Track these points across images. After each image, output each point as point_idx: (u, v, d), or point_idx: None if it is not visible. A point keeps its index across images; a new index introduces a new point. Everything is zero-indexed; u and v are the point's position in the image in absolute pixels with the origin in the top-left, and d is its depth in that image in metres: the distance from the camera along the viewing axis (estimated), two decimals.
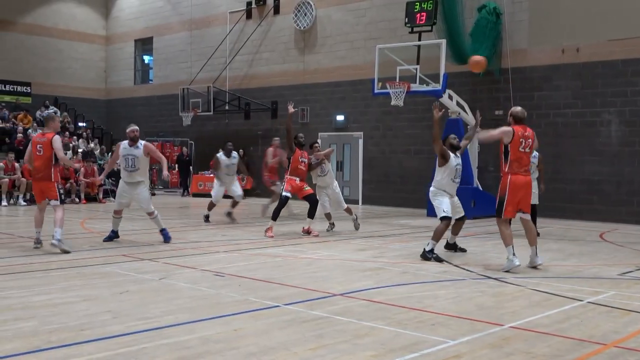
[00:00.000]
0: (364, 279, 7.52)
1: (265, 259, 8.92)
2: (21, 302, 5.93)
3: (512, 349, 4.73)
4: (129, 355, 4.38)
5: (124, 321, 5.28)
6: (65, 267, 7.93)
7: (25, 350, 4.44)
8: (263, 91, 23.76)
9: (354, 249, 10.15)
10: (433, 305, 6.09)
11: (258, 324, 5.30)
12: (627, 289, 7.22)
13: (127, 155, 10.27)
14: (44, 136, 9.25)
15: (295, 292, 6.60)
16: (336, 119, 21.75)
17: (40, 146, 9.16)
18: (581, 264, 9.09)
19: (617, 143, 16.27)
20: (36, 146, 9.21)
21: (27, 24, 27.66)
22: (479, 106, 18.08)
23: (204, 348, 4.58)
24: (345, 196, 21.79)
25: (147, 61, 29.59)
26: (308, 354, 4.50)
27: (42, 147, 9.14)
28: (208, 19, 25.90)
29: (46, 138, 9.16)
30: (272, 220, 11.48)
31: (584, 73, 16.77)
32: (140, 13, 28.79)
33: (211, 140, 25.23)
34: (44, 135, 9.26)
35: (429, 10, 16.16)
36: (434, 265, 8.62)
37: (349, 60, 21.44)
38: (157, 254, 9.19)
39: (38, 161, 9.18)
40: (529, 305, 6.25)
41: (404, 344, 4.79)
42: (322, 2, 22.17)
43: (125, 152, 10.30)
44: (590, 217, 16.38)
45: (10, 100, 25.67)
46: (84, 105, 28.92)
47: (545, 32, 17.43)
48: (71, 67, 29.17)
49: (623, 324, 5.58)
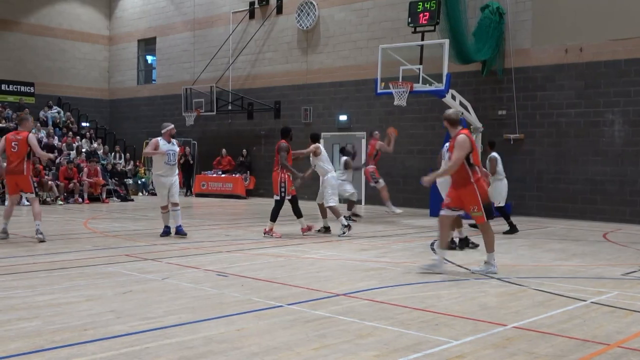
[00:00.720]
0: (366, 279, 7.52)
1: (268, 259, 8.92)
2: (25, 301, 5.94)
3: (515, 349, 4.73)
4: (132, 355, 4.39)
5: (127, 321, 5.28)
6: (69, 267, 7.94)
7: (28, 349, 4.45)
8: (266, 91, 23.76)
9: (356, 249, 10.15)
10: (436, 305, 6.09)
11: (261, 323, 5.30)
12: (630, 289, 7.21)
13: (169, 150, 11.19)
14: (18, 134, 10.36)
15: (298, 292, 6.60)
16: (339, 119, 21.74)
17: (15, 143, 10.27)
18: (584, 264, 9.07)
19: (621, 143, 16.24)
20: (11, 143, 10.30)
21: (31, 24, 27.70)
22: (481, 106, 18.21)
23: (207, 348, 4.58)
24: (347, 196, 21.82)
25: (150, 61, 29.62)
26: (311, 354, 4.50)
27: (18, 144, 10.25)
28: (211, 19, 25.92)
29: (21, 136, 10.29)
30: (272, 221, 11.43)
31: (587, 73, 16.74)
32: (144, 13, 28.82)
33: (214, 140, 25.27)
34: (19, 134, 10.36)
35: (432, 10, 16.14)
36: None
37: (352, 60, 21.43)
38: (160, 254, 9.20)
39: (13, 157, 10.27)
40: (532, 305, 6.24)
41: (406, 344, 4.79)
42: (325, 2, 22.16)
43: (166, 148, 11.16)
44: (594, 217, 16.36)
45: (14, 100, 25.71)
46: (87, 105, 28.97)
47: (549, 32, 17.40)
48: (74, 67, 29.22)
49: (626, 324, 5.58)
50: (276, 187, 11.38)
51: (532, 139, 17.60)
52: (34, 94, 26.81)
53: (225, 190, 23.05)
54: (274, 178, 11.48)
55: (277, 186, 11.39)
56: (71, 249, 9.54)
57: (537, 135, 17.54)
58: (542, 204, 17.40)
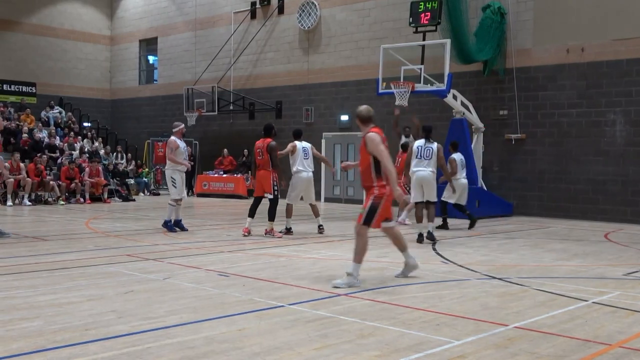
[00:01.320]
0: (368, 278, 7.52)
1: (269, 259, 8.92)
2: (26, 301, 5.95)
3: (516, 349, 4.72)
4: (134, 355, 4.39)
5: (129, 321, 5.29)
6: (70, 267, 7.95)
7: (30, 349, 4.45)
8: (267, 91, 23.77)
9: None
10: (437, 305, 6.09)
11: (262, 323, 5.30)
12: (632, 289, 7.20)
13: (185, 148, 12.05)
14: None
15: (299, 292, 6.60)
16: (340, 119, 21.74)
17: None
18: (586, 264, 9.07)
19: (622, 143, 16.22)
20: None
21: (33, 25, 27.73)
22: (483, 106, 18.20)
23: (209, 348, 4.59)
24: (349, 196, 21.85)
25: (152, 61, 29.64)
26: (312, 354, 4.50)
27: None
28: (212, 19, 25.94)
29: None
30: (271, 221, 11.40)
31: (589, 73, 16.73)
32: (145, 13, 28.84)
33: (216, 140, 25.28)
34: None
35: (434, 10, 16.13)
36: (439, 265, 8.62)
37: (354, 60, 21.43)
38: (161, 253, 9.21)
39: None
40: (533, 305, 6.24)
41: (408, 344, 4.79)
42: (327, 2, 22.17)
43: (182, 146, 11.96)
44: (595, 217, 16.35)
45: (16, 100, 25.73)
46: (88, 105, 28.99)
47: (550, 32, 17.39)
48: (76, 67, 29.25)
49: (628, 324, 5.57)
50: (269, 187, 11.33)
51: (534, 139, 17.59)
52: (35, 94, 26.84)
53: (227, 191, 23.05)
54: (264, 177, 11.35)
55: (269, 185, 11.35)
56: (73, 249, 9.55)
57: (538, 135, 17.53)
58: (543, 204, 17.39)
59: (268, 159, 11.36)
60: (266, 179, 11.39)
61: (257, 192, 11.71)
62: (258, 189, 11.67)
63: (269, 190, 11.36)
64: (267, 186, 11.38)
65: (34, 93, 26.86)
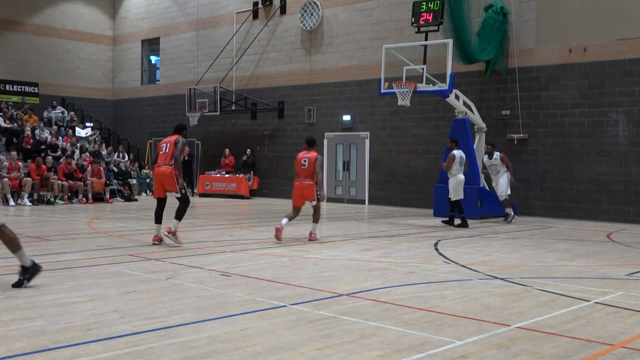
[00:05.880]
0: (370, 279, 7.52)
1: (271, 259, 8.92)
2: (29, 301, 5.96)
3: (519, 349, 4.72)
4: (136, 354, 4.40)
5: (131, 321, 5.29)
6: (73, 267, 7.96)
7: (32, 349, 4.45)
8: (270, 91, 23.78)
9: (360, 249, 10.15)
10: (440, 306, 6.08)
11: (265, 323, 5.30)
12: (634, 289, 7.19)
13: None
14: None
15: (301, 292, 6.60)
16: (343, 119, 21.74)
17: None
18: (588, 264, 9.05)
19: (625, 143, 16.20)
20: None
21: (35, 25, 27.76)
22: (485, 106, 18.20)
23: (211, 348, 4.59)
24: (351, 196, 21.86)
25: (154, 61, 29.65)
26: (314, 354, 4.50)
27: None
28: (215, 19, 25.95)
29: None
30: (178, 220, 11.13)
31: (592, 73, 16.71)
32: (147, 13, 28.85)
33: (218, 140, 25.30)
34: None
35: (436, 9, 16.13)
36: (441, 265, 8.62)
37: (356, 60, 21.43)
38: (163, 253, 9.21)
39: None
40: (536, 305, 6.23)
41: (410, 344, 4.79)
42: (329, 2, 22.17)
43: None
44: (598, 217, 16.33)
45: (18, 100, 25.77)
46: (91, 106, 29.00)
47: (553, 32, 17.38)
48: (78, 67, 29.27)
49: (631, 324, 5.56)
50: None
51: (536, 138, 17.57)
52: (38, 94, 26.86)
53: (229, 190, 23.07)
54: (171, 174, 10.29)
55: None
56: (75, 249, 9.56)
57: (541, 135, 17.51)
58: (546, 204, 17.37)
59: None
60: (172, 176, 10.30)
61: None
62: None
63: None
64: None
65: (37, 93, 26.88)
